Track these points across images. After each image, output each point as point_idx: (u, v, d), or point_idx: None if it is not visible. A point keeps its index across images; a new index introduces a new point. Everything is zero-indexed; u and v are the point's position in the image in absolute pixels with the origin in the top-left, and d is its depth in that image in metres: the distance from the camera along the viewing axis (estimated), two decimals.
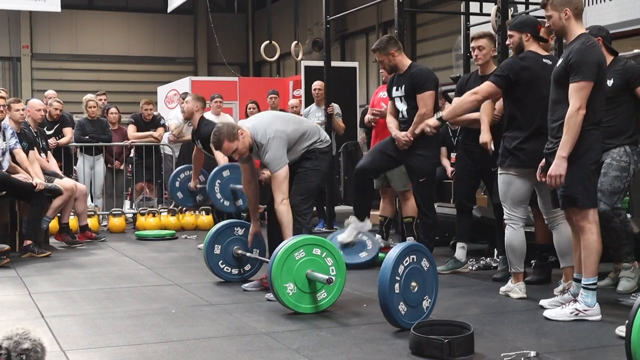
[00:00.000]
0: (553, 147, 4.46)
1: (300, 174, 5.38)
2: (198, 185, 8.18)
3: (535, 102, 5.00)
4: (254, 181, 5.62)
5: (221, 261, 5.86)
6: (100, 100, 10.70)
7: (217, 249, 5.84)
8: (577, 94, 4.33)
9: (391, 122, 6.28)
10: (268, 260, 4.97)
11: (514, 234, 5.07)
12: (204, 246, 5.88)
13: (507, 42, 5.34)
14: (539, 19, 5.36)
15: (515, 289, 5.13)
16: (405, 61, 6.17)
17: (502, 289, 5.24)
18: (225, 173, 7.27)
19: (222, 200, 7.32)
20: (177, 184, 8.37)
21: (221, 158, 7.35)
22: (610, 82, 5.01)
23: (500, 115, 5.68)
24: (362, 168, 6.18)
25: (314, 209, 9.21)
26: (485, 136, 5.59)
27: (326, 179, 6.10)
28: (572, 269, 4.84)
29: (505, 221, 5.12)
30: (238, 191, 7.06)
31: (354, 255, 6.42)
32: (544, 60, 5.10)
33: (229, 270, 5.88)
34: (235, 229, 5.91)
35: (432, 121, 5.32)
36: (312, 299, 4.72)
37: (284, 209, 5.15)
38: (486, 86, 5.12)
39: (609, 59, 5.14)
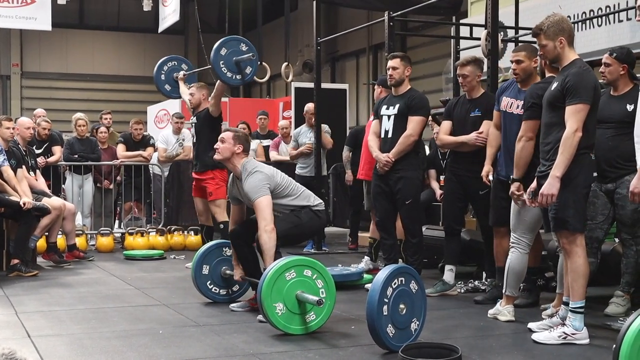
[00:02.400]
0: (546, 170, 4.47)
1: (279, 217, 5.33)
2: (185, 73, 8.18)
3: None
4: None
5: (209, 281, 5.83)
6: (106, 119, 10.70)
7: (206, 270, 5.82)
8: (574, 116, 4.36)
9: (373, 142, 6.36)
10: (257, 280, 4.95)
11: (520, 257, 5.06)
12: (192, 266, 5.86)
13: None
14: (522, 43, 5.39)
15: (504, 311, 5.11)
16: (407, 83, 6.29)
17: (491, 311, 5.21)
18: (223, 51, 7.11)
19: (231, 76, 7.16)
20: (163, 76, 8.31)
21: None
22: (630, 108, 5.05)
23: (485, 138, 5.73)
24: (379, 223, 6.37)
25: None
26: (486, 168, 5.63)
27: (303, 234, 6.12)
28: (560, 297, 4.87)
29: (513, 245, 5.10)
30: (241, 62, 7.07)
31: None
32: None
33: (217, 291, 5.86)
34: (224, 249, 5.88)
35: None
36: (302, 320, 4.71)
37: (266, 236, 5.08)
38: (527, 125, 4.96)
39: (628, 85, 5.20)
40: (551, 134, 4.51)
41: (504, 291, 5.17)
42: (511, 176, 5.08)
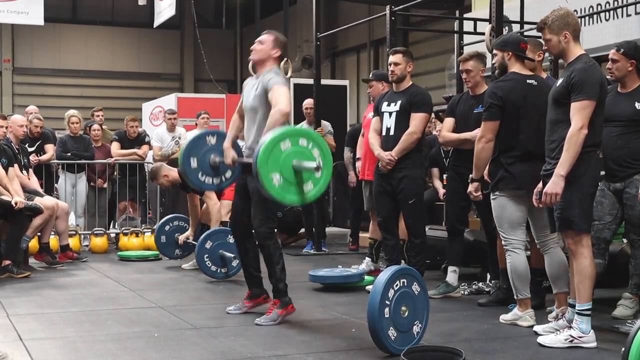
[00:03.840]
0: (551, 169, 4.39)
1: (255, 192, 5.07)
2: (189, 240, 7.89)
3: (523, 124, 4.94)
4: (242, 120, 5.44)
5: (200, 173, 5.60)
6: (98, 116, 10.56)
7: (194, 162, 5.56)
8: (579, 113, 4.28)
9: (374, 139, 6.27)
10: (248, 161, 4.83)
11: (517, 258, 4.97)
12: (180, 159, 5.60)
13: (493, 61, 5.32)
14: (527, 37, 5.32)
15: (525, 317, 4.98)
16: (409, 79, 6.21)
17: (507, 317, 5.08)
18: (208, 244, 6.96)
19: (210, 266, 6.93)
20: (164, 238, 8.12)
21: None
22: (639, 106, 4.98)
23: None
24: (381, 223, 6.27)
25: (302, 230, 9.17)
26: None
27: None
28: (565, 295, 4.80)
29: (505, 247, 5.02)
30: (227, 258, 6.90)
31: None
32: (528, 81, 5.04)
33: (210, 182, 5.65)
34: (208, 137, 5.67)
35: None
36: (299, 190, 4.64)
37: (278, 114, 4.84)
38: (486, 126, 4.99)
39: (637, 82, 5.10)
40: (556, 131, 4.43)
41: (515, 297, 5.06)
42: (470, 176, 5.17)
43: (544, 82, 5.12)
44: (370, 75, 7.28)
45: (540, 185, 4.55)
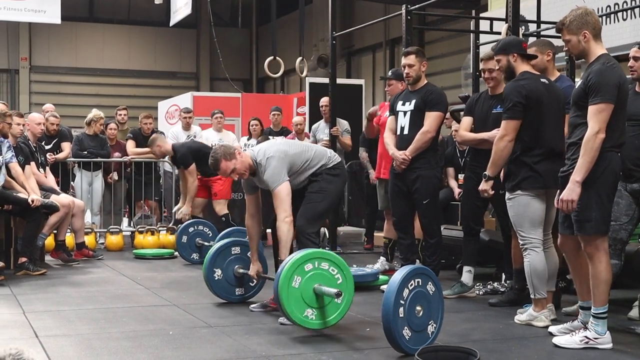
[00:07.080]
0: (568, 169, 4.35)
1: (307, 196, 5.29)
2: (204, 243, 8.00)
3: (545, 122, 4.92)
4: (258, 216, 5.51)
5: (223, 285, 5.71)
6: (120, 115, 10.58)
7: (218, 273, 5.68)
8: (596, 116, 4.21)
9: (389, 139, 6.26)
10: (271, 277, 4.85)
11: (536, 257, 4.94)
12: (204, 270, 5.73)
13: (497, 68, 5.30)
14: (540, 38, 5.28)
15: (541, 317, 4.95)
16: (424, 78, 6.19)
17: (522, 317, 5.05)
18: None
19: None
20: (185, 239, 8.17)
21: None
22: None
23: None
24: (396, 223, 6.29)
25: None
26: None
27: (337, 201, 5.84)
28: (552, 294, 5.00)
29: (524, 246, 4.99)
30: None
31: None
32: (542, 79, 5.04)
33: (232, 291, 5.74)
34: (232, 249, 5.76)
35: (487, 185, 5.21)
36: (321, 314, 4.62)
37: (285, 227, 5.06)
38: (509, 125, 4.94)
39: None
40: (576, 133, 4.37)
41: (532, 296, 5.02)
42: (484, 173, 5.15)
43: (552, 81, 5.13)
44: (390, 74, 7.21)
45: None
